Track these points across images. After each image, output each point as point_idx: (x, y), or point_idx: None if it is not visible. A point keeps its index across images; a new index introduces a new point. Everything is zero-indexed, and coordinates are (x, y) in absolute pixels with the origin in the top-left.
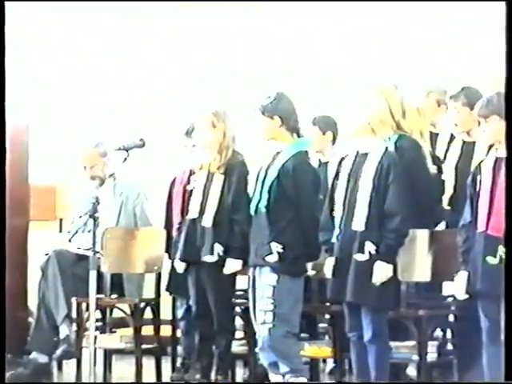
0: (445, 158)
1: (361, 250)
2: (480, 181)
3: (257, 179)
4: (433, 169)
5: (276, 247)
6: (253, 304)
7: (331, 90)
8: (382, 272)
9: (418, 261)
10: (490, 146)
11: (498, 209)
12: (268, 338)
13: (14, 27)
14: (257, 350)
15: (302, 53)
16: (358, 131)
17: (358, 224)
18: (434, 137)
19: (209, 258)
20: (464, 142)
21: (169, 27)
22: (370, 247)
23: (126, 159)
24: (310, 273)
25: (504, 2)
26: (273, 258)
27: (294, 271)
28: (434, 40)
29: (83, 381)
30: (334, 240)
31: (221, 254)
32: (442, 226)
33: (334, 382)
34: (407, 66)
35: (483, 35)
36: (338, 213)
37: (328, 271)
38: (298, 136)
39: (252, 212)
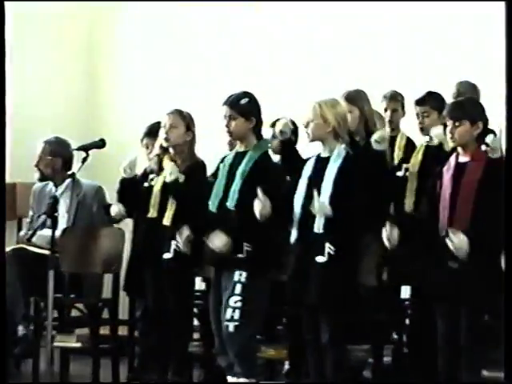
0: (407, 162)
1: (321, 252)
2: (441, 185)
3: (219, 177)
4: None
5: (246, 245)
6: (214, 304)
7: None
8: None
9: (375, 265)
10: (453, 151)
11: (460, 214)
12: (233, 335)
13: None
14: (215, 350)
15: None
16: (322, 136)
17: (318, 226)
18: (393, 140)
19: (167, 256)
20: (427, 146)
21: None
22: (329, 249)
23: (85, 159)
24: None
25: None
26: (242, 256)
27: (262, 270)
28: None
29: (40, 380)
30: (293, 242)
31: (177, 250)
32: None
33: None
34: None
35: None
36: (297, 215)
37: (288, 273)
38: (261, 137)
39: (214, 209)
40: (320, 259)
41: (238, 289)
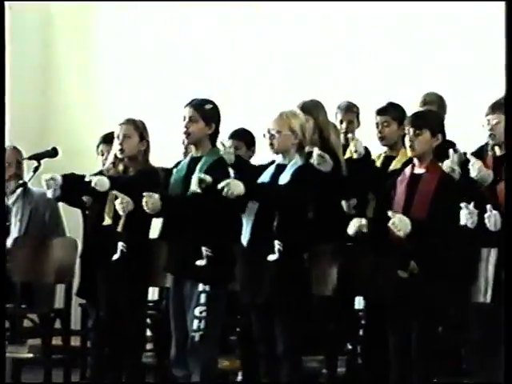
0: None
1: (272, 251)
2: (394, 196)
3: (175, 181)
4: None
5: (205, 250)
6: (174, 314)
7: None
8: None
9: (328, 275)
10: (409, 162)
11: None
12: (199, 344)
13: None
14: (171, 361)
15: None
16: (288, 147)
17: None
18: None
19: (114, 257)
20: (385, 157)
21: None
22: (279, 245)
23: (37, 168)
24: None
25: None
26: (202, 263)
27: (221, 278)
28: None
29: None
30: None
31: (124, 250)
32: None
33: None
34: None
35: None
36: (250, 217)
37: (239, 275)
38: (215, 145)
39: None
40: (272, 257)
41: (203, 298)
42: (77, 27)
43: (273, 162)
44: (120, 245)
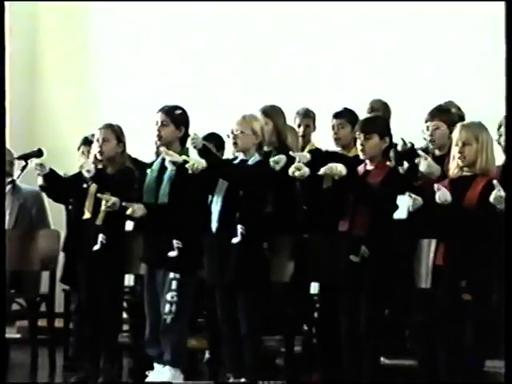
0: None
1: (234, 234)
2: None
3: (149, 181)
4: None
5: (176, 242)
6: (148, 298)
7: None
8: None
9: (286, 264)
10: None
11: (360, 212)
12: (170, 326)
13: None
14: (145, 341)
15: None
16: (249, 147)
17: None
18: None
19: (95, 248)
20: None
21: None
22: (241, 229)
23: (24, 167)
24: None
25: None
26: (174, 254)
27: (191, 267)
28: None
29: None
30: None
31: (104, 242)
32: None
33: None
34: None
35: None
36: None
37: (206, 261)
38: (184, 146)
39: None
40: (234, 240)
41: (174, 285)
42: (65, 28)
43: (235, 158)
44: (100, 236)
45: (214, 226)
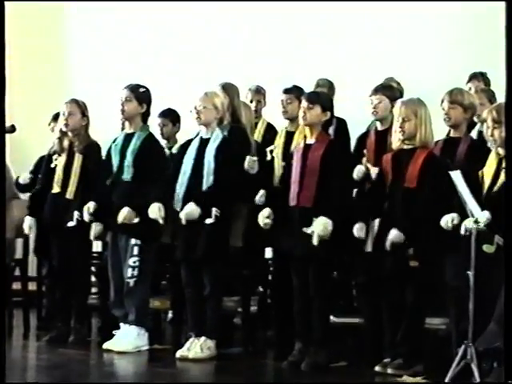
0: (270, 144)
1: (209, 215)
2: (292, 163)
3: (113, 155)
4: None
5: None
6: (112, 263)
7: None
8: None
9: (240, 229)
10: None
11: (306, 185)
12: (133, 289)
13: None
14: (111, 303)
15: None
16: (211, 120)
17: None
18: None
19: (70, 224)
20: (287, 132)
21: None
22: (216, 212)
23: None
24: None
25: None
26: (137, 222)
27: (151, 234)
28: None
29: None
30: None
31: (79, 219)
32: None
33: None
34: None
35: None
36: (183, 186)
37: (179, 236)
38: (145, 123)
39: (107, 182)
40: (208, 221)
41: (136, 250)
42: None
43: (197, 134)
44: (76, 214)
45: (178, 205)
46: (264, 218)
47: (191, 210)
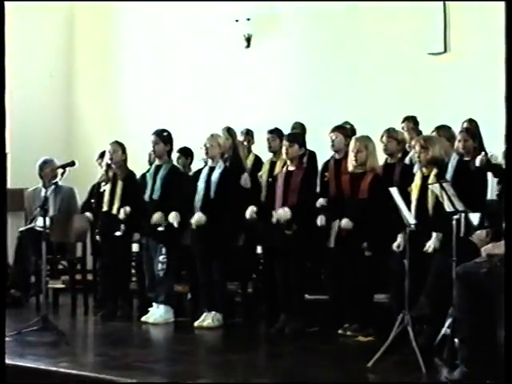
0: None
1: (215, 222)
2: (277, 184)
3: (148, 180)
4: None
5: (163, 223)
6: (146, 259)
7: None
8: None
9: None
10: (286, 166)
11: (289, 200)
12: (162, 278)
13: None
14: (146, 288)
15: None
16: (215, 155)
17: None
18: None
19: (117, 233)
20: (271, 162)
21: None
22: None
23: (63, 174)
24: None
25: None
26: (161, 229)
27: (174, 239)
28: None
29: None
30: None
31: (124, 230)
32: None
33: None
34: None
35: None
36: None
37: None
38: (170, 157)
39: (147, 200)
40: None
41: (163, 250)
42: (99, 34)
43: (206, 164)
44: (122, 226)
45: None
46: (251, 212)
47: (199, 217)
